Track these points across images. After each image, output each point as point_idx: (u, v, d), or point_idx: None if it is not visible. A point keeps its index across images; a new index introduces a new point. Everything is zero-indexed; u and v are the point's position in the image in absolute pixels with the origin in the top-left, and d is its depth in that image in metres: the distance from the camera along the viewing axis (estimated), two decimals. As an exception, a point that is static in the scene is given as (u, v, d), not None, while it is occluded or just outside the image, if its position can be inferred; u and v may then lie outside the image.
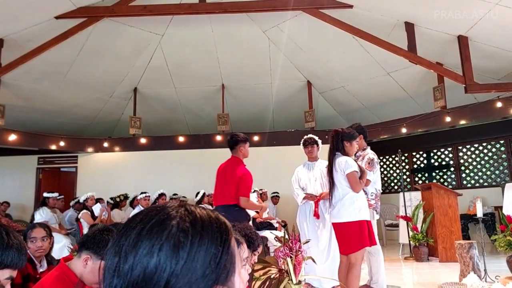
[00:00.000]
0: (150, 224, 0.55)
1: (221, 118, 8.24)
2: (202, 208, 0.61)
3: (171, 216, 0.56)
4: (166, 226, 0.54)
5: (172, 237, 0.53)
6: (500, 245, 4.17)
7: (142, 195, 6.62)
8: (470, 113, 6.99)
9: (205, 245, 0.54)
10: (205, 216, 0.58)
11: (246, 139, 3.84)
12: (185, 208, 0.59)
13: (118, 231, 0.58)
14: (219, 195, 3.76)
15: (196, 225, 0.55)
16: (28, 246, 2.51)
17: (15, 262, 1.27)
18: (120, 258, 0.54)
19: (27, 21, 6.05)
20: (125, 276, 0.53)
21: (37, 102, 7.85)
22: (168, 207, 0.58)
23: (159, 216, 0.56)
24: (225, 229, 0.58)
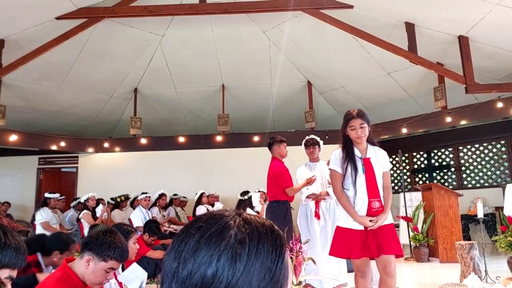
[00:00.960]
0: (209, 233, 0.56)
1: (221, 118, 8.25)
2: (258, 217, 0.61)
3: (229, 226, 0.57)
4: (224, 236, 0.55)
5: (230, 248, 0.54)
6: (501, 246, 4.17)
7: (143, 195, 6.61)
8: (471, 114, 6.99)
9: (261, 258, 0.55)
10: (261, 228, 0.58)
11: (281, 140, 4.19)
12: (242, 217, 0.59)
13: (177, 236, 0.59)
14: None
15: (253, 237, 0.56)
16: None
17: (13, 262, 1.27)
18: (179, 263, 0.55)
19: (27, 21, 6.05)
20: (183, 282, 0.54)
21: (37, 102, 7.85)
22: (226, 215, 0.59)
23: (218, 225, 0.57)
24: (280, 242, 0.58)
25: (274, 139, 4.19)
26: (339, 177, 2.68)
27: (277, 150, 4.17)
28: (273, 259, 0.56)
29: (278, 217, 4.05)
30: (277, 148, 4.16)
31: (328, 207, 4.18)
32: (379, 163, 2.65)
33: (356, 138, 2.64)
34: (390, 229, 2.59)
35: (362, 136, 2.62)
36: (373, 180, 2.60)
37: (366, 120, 2.66)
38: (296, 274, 2.35)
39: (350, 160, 2.65)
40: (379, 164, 2.65)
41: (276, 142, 4.15)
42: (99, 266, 1.70)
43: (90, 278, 1.70)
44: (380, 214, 2.54)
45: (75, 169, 8.90)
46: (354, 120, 2.65)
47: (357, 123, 2.63)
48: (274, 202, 4.12)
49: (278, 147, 4.15)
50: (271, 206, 4.20)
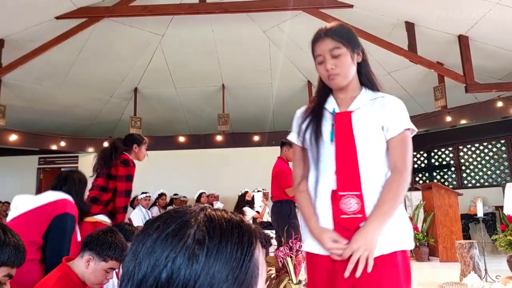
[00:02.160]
0: (166, 232, 0.52)
1: (222, 118, 8.25)
2: (226, 212, 0.56)
3: (189, 224, 0.52)
4: (181, 236, 0.51)
5: (187, 249, 0.50)
6: (501, 245, 4.17)
7: (143, 195, 6.62)
8: (471, 113, 6.99)
9: (223, 258, 0.51)
10: (226, 224, 0.54)
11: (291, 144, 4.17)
12: (205, 214, 0.55)
13: (136, 236, 0.55)
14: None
15: (214, 235, 0.52)
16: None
17: (12, 260, 1.27)
18: (135, 266, 0.52)
19: (27, 21, 6.05)
20: (138, 285, 0.51)
21: (37, 102, 7.86)
22: (188, 212, 0.55)
23: (176, 223, 0.53)
24: (248, 238, 0.54)
25: (283, 141, 4.26)
26: (298, 153, 1.51)
27: (286, 152, 4.24)
28: (238, 258, 0.51)
29: (282, 217, 4.08)
30: (286, 150, 4.21)
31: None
32: (373, 120, 1.36)
33: (327, 78, 1.41)
34: (391, 267, 1.24)
35: (337, 73, 1.38)
36: (349, 154, 1.32)
37: (344, 42, 1.41)
38: (296, 273, 2.35)
39: (312, 118, 1.47)
40: (372, 123, 1.36)
41: (287, 144, 4.18)
42: (99, 266, 1.71)
43: (90, 278, 1.70)
44: (359, 230, 1.25)
45: (75, 169, 8.90)
46: (321, 42, 1.40)
47: (325, 47, 1.38)
48: (277, 202, 4.16)
49: (287, 150, 4.20)
50: (275, 207, 4.25)
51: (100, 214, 2.97)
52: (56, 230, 1.99)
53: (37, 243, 1.95)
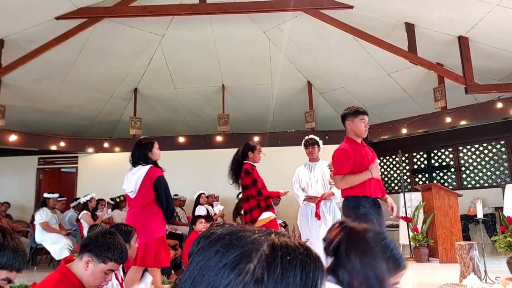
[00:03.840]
0: (225, 262, 0.49)
1: (222, 118, 8.24)
2: (291, 241, 0.52)
3: (250, 259, 0.49)
4: (240, 271, 0.48)
5: (243, 286, 0.47)
6: (501, 246, 4.17)
7: (142, 195, 6.61)
8: (471, 114, 6.99)
9: None
10: (290, 262, 0.49)
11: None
12: (269, 244, 0.50)
13: (198, 251, 0.53)
14: None
15: (274, 274, 0.48)
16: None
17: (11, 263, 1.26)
18: (191, 283, 0.51)
19: (27, 21, 6.05)
20: None
21: (37, 102, 7.85)
22: (250, 241, 0.51)
23: (236, 254, 0.50)
24: (312, 278, 0.50)
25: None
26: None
27: (350, 125, 4.06)
28: None
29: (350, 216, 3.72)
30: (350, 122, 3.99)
31: (329, 207, 4.17)
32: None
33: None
34: None
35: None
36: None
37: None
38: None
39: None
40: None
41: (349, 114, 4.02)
42: (98, 268, 1.70)
43: (88, 280, 1.70)
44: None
45: (74, 169, 8.89)
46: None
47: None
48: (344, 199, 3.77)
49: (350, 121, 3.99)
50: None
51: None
52: (160, 188, 3.20)
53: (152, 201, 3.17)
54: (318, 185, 4.21)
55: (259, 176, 3.87)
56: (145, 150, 3.35)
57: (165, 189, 3.24)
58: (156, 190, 3.20)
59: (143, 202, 3.21)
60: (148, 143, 3.40)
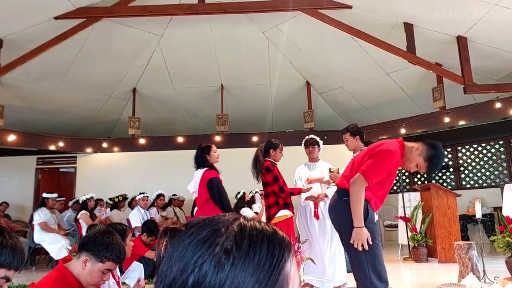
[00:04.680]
0: (197, 239, 0.54)
1: (220, 118, 8.24)
2: (260, 223, 0.56)
3: (219, 233, 0.54)
4: (211, 244, 0.53)
5: (214, 257, 0.51)
6: (499, 246, 4.17)
7: (141, 195, 6.61)
8: (469, 114, 7.00)
9: (249, 269, 0.51)
10: (257, 236, 0.54)
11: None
12: (238, 224, 0.55)
13: (173, 239, 0.58)
14: None
15: (242, 246, 0.52)
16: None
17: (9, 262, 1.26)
18: (168, 268, 0.54)
19: (26, 21, 6.04)
20: (168, 287, 0.52)
21: (36, 102, 7.84)
22: (221, 221, 0.56)
23: (207, 231, 0.54)
24: (278, 251, 0.53)
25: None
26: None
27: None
28: (265, 271, 0.51)
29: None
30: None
31: (327, 207, 4.17)
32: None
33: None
34: None
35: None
36: None
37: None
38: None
39: None
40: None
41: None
42: (96, 267, 1.70)
43: (86, 279, 1.70)
44: None
45: (73, 169, 8.88)
46: None
47: None
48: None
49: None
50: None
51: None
52: (213, 187, 3.53)
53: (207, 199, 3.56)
54: (317, 185, 4.21)
55: (280, 173, 3.93)
56: (203, 154, 3.74)
57: (218, 188, 3.56)
58: (209, 190, 3.57)
59: (201, 200, 3.65)
60: (206, 147, 3.78)
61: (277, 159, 4.02)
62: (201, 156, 3.76)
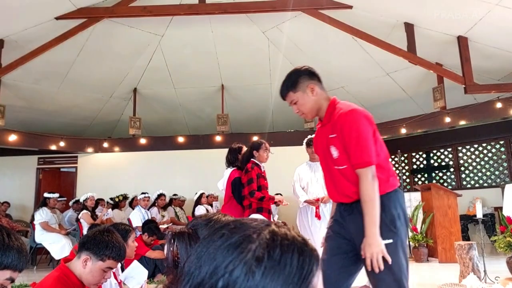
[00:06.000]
0: (229, 242, 0.53)
1: (221, 118, 8.24)
2: (290, 231, 0.55)
3: (251, 239, 0.53)
4: (242, 250, 0.52)
5: (245, 264, 0.50)
6: (500, 246, 4.17)
7: (142, 195, 6.62)
8: (470, 114, 6.99)
9: (279, 280, 0.50)
10: (288, 246, 0.53)
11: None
12: (269, 231, 0.54)
13: (203, 239, 0.56)
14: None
15: (274, 256, 0.51)
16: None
17: (15, 263, 1.27)
18: (196, 268, 0.54)
19: (27, 22, 6.05)
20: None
21: (37, 102, 7.85)
22: (252, 226, 0.55)
23: (239, 236, 0.54)
24: (308, 264, 0.53)
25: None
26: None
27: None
28: (294, 283, 0.50)
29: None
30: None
31: (329, 207, 4.17)
32: None
33: None
34: None
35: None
36: None
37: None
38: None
39: None
40: None
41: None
42: (97, 266, 1.71)
43: (87, 278, 1.70)
44: None
45: (74, 169, 8.90)
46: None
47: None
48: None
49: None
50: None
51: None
52: (235, 187, 3.72)
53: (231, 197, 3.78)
54: (318, 186, 4.20)
55: (261, 177, 3.75)
56: (235, 154, 3.87)
57: (239, 188, 3.71)
58: (232, 189, 3.74)
59: (226, 198, 3.85)
60: (238, 148, 3.91)
61: (263, 160, 3.83)
62: (232, 156, 3.87)
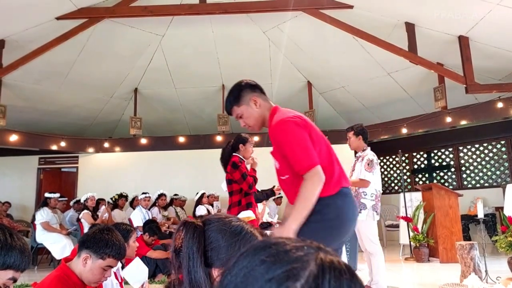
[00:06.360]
0: (272, 276, 0.48)
1: (221, 118, 8.25)
2: (340, 263, 0.50)
3: (297, 276, 0.47)
4: (288, 287, 0.47)
5: None
6: (501, 246, 4.17)
7: (143, 195, 6.62)
8: (471, 114, 6.98)
9: None
10: (336, 279, 0.48)
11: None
12: (317, 262, 0.49)
13: (242, 256, 0.52)
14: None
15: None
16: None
17: (18, 263, 1.27)
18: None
19: (28, 22, 6.06)
20: None
21: (38, 102, 7.86)
22: (299, 256, 0.49)
23: (284, 269, 0.48)
24: None
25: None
26: None
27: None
28: None
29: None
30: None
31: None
32: None
33: None
34: None
35: None
36: None
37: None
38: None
39: None
40: None
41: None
42: (97, 264, 1.71)
43: (87, 276, 1.70)
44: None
45: (75, 169, 8.90)
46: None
47: None
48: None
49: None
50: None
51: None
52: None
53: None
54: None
55: (248, 174, 3.70)
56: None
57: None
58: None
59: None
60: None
61: (247, 156, 3.75)
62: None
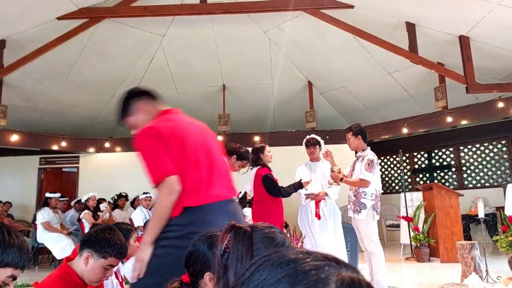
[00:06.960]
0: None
1: (222, 118, 8.25)
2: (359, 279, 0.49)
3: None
4: None
5: None
6: (502, 246, 4.17)
7: (144, 195, 6.63)
8: (472, 113, 6.98)
9: None
10: None
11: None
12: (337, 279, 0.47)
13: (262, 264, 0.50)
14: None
15: None
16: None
17: (16, 261, 1.27)
18: None
19: (29, 22, 6.07)
20: None
21: (38, 102, 7.87)
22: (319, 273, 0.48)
23: (305, 285, 0.47)
24: None
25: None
26: None
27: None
28: None
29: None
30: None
31: (329, 206, 4.18)
32: None
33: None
34: None
35: None
36: None
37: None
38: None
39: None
40: None
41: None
42: (98, 263, 1.71)
43: (89, 275, 1.71)
44: None
45: (76, 169, 8.91)
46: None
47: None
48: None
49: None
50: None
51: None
52: (267, 183, 3.84)
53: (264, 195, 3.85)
54: (317, 185, 4.21)
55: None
56: (257, 154, 3.99)
57: (272, 182, 3.85)
58: (266, 187, 3.83)
59: (255, 196, 3.94)
60: (260, 147, 4.04)
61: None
62: (255, 155, 4.02)
